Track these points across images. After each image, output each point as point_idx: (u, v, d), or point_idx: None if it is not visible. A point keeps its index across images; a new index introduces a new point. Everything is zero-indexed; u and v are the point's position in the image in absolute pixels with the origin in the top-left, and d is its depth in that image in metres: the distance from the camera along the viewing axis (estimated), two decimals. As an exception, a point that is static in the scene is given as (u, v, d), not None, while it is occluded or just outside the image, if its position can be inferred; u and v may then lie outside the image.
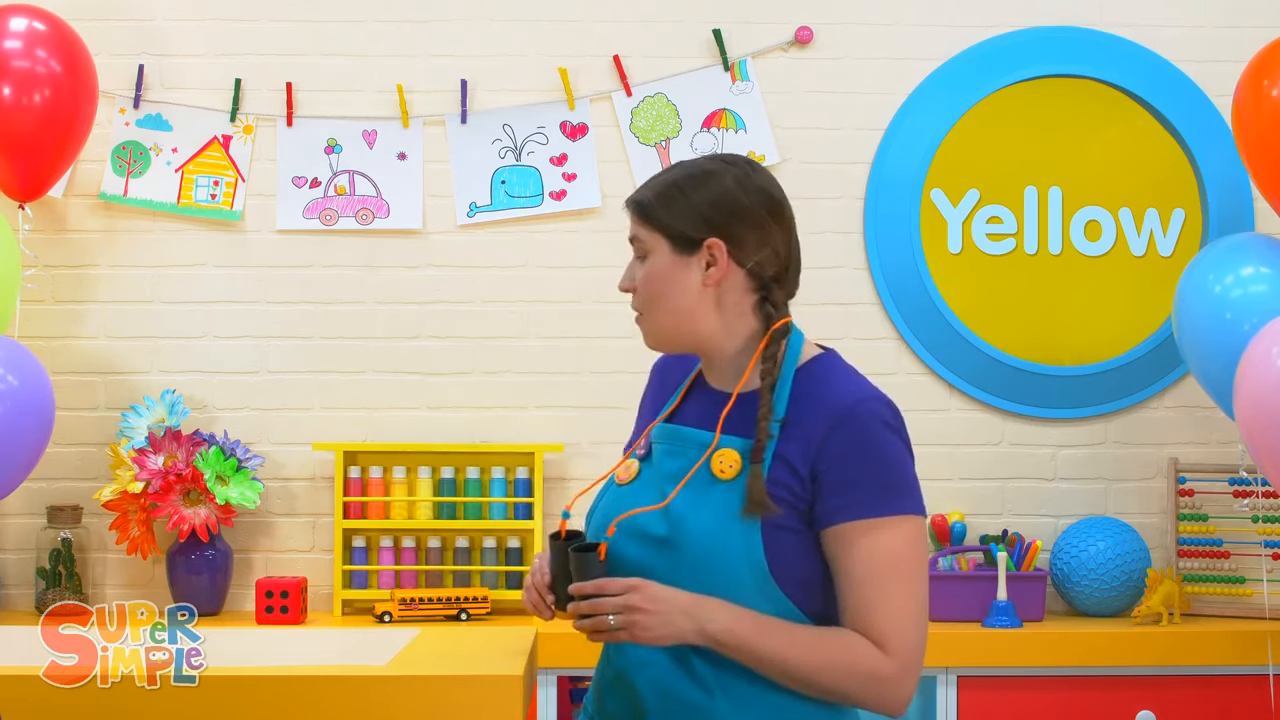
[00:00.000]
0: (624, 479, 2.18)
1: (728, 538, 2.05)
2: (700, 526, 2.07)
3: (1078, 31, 3.96)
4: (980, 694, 3.48)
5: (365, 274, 3.89)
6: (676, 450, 2.15)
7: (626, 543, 2.11)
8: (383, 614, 3.62)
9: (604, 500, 2.21)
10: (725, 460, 2.09)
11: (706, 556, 2.06)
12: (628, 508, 2.13)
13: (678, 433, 2.17)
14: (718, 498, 2.08)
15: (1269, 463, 3.16)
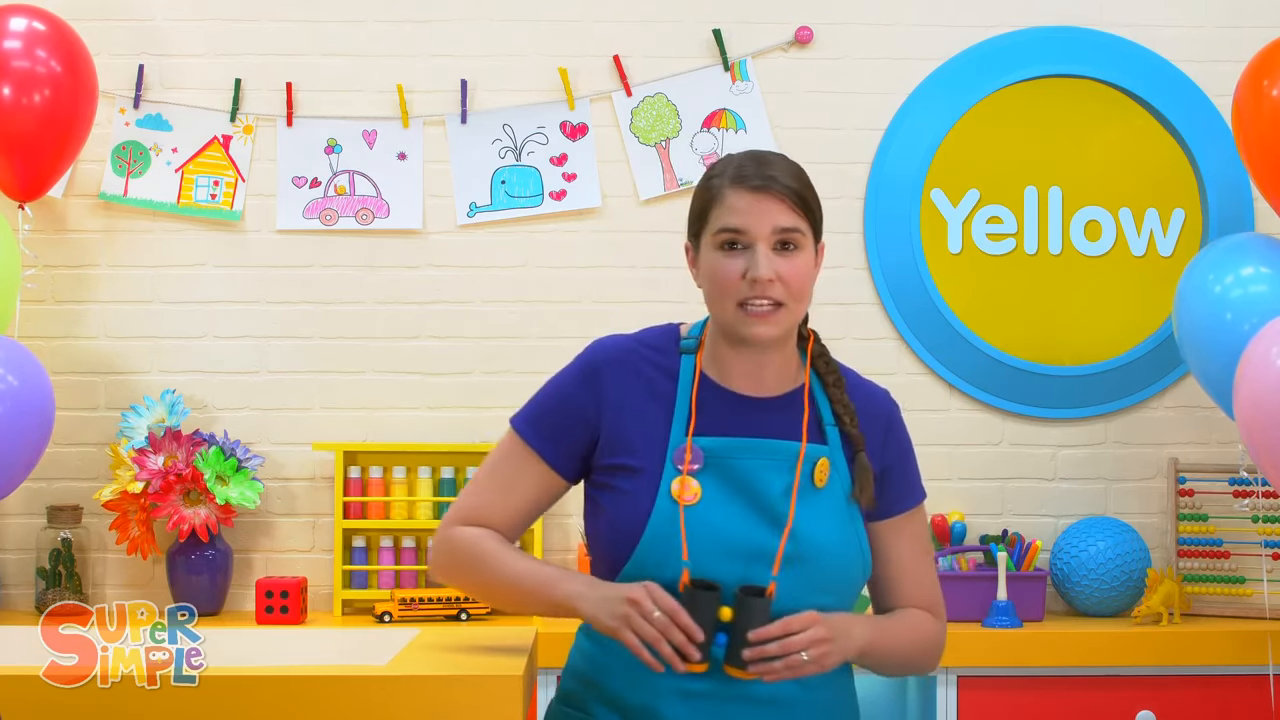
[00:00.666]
0: (690, 500, 2.10)
1: (848, 544, 2.14)
2: (827, 538, 2.11)
3: (1078, 31, 3.96)
4: (980, 694, 3.49)
5: (365, 274, 3.89)
6: (773, 464, 2.12)
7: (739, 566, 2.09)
8: (383, 614, 3.62)
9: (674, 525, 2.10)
10: (822, 468, 2.13)
11: (836, 567, 2.13)
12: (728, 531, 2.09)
13: (766, 446, 2.13)
14: (826, 506, 2.12)
15: (1269, 463, 3.16)
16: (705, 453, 2.12)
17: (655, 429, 2.15)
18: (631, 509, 2.13)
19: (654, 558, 2.10)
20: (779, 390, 2.18)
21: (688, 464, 2.12)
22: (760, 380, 2.18)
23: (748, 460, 2.12)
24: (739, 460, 2.12)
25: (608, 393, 2.19)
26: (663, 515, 2.11)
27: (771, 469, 2.12)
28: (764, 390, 2.18)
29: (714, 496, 2.11)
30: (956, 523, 3.82)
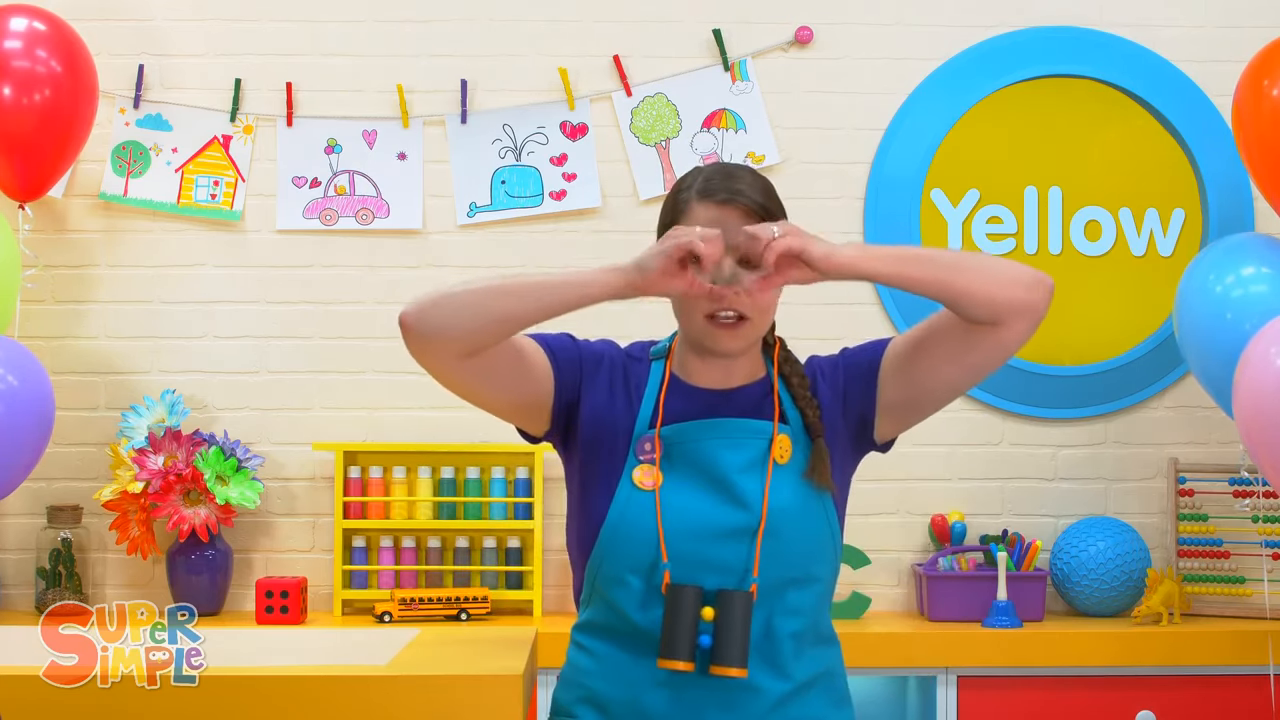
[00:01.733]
0: (649, 485, 2.15)
1: (815, 519, 2.15)
2: (793, 512, 2.14)
3: (1078, 31, 3.96)
4: (980, 694, 3.49)
5: (365, 274, 3.89)
6: (736, 442, 2.15)
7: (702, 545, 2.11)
8: (383, 614, 3.62)
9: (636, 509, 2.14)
10: (783, 445, 2.16)
11: (804, 542, 2.14)
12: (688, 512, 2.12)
13: (724, 425, 2.16)
14: (789, 482, 2.15)
15: (1268, 463, 3.16)
16: (665, 441, 2.17)
17: (623, 422, 2.20)
18: (595, 497, 2.17)
19: (618, 545, 2.14)
20: (743, 383, 2.23)
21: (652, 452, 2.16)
22: (727, 374, 2.22)
23: (706, 441, 2.16)
24: (698, 442, 2.17)
25: (599, 376, 2.24)
26: (623, 502, 2.15)
27: (729, 446, 2.16)
28: (732, 384, 2.22)
29: (674, 481, 2.15)
30: (956, 523, 3.82)
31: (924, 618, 3.73)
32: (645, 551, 2.12)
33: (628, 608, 2.13)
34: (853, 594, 3.72)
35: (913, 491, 3.89)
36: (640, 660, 2.13)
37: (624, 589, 2.14)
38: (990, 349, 2.14)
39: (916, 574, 3.79)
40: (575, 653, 2.23)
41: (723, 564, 2.11)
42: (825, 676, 2.20)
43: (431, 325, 2.12)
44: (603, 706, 2.17)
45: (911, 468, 3.85)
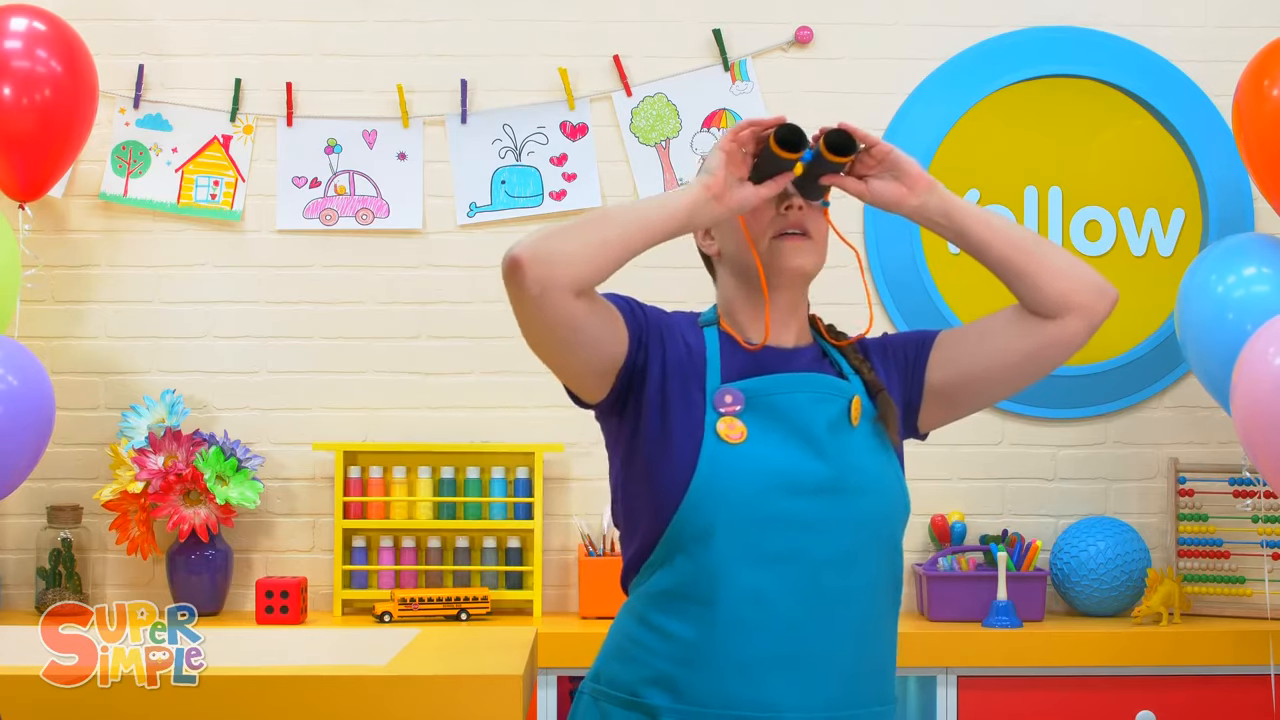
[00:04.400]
0: (736, 438, 2.10)
1: (891, 480, 2.15)
2: (873, 471, 2.13)
3: (1078, 31, 3.96)
4: (980, 694, 3.49)
5: (365, 274, 3.89)
6: (815, 397, 2.14)
7: (790, 499, 2.08)
8: (383, 614, 3.62)
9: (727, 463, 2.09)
10: (855, 405, 2.15)
11: (881, 501, 2.13)
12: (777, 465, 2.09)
13: (805, 380, 2.15)
14: (864, 442, 2.14)
15: (1265, 462, 3.16)
16: (745, 393, 2.13)
17: (695, 379, 2.15)
18: (677, 452, 2.11)
19: (708, 499, 2.08)
20: (796, 344, 2.22)
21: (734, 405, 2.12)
22: (780, 333, 2.21)
23: (789, 395, 2.13)
24: (780, 396, 2.13)
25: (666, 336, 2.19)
26: (711, 455, 2.09)
27: (814, 401, 2.13)
28: (786, 343, 2.21)
29: (759, 435, 2.10)
30: (956, 523, 3.82)
31: (924, 618, 3.73)
32: (738, 505, 2.07)
33: (717, 565, 2.06)
34: (853, 594, 3.72)
35: (913, 491, 3.84)
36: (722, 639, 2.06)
37: (713, 546, 2.07)
38: (1044, 346, 2.15)
39: (916, 574, 3.79)
40: (639, 628, 2.13)
41: (809, 522, 2.07)
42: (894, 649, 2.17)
43: (550, 255, 2.02)
44: (677, 690, 2.08)
45: (911, 468, 3.80)
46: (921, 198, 2.13)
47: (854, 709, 2.09)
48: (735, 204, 2.09)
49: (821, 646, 2.07)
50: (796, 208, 2.15)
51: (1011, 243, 2.13)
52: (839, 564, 2.08)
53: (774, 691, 2.06)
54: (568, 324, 2.06)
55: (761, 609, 2.06)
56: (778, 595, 2.06)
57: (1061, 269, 2.13)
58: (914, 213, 2.15)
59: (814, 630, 2.07)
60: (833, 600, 2.07)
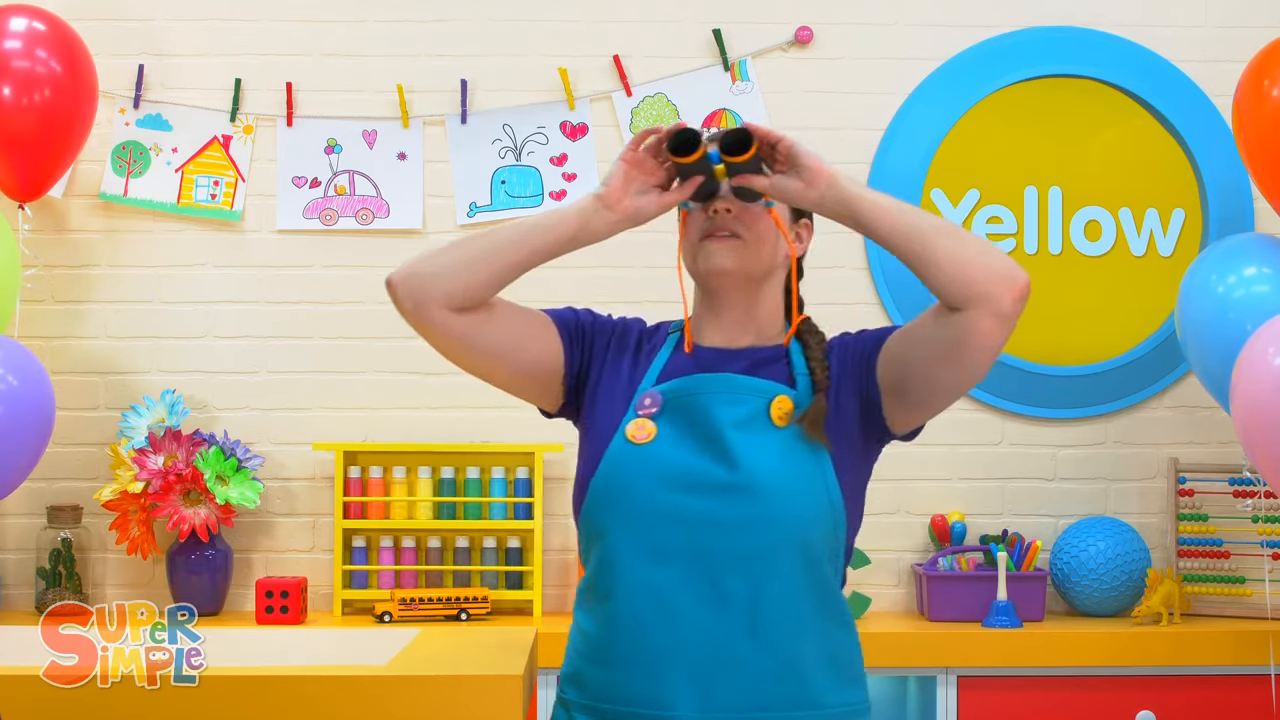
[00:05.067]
0: (643, 438, 2.14)
1: (807, 484, 2.11)
2: (781, 474, 2.10)
3: (1078, 31, 3.96)
4: (980, 694, 3.49)
5: (365, 274, 3.89)
6: (733, 398, 2.14)
7: (683, 496, 2.10)
8: (383, 614, 3.62)
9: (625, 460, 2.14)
10: (784, 406, 2.13)
11: (788, 496, 2.10)
12: (674, 463, 2.11)
13: (722, 381, 2.16)
14: (783, 444, 2.12)
15: (1265, 463, 3.16)
16: (664, 395, 2.16)
17: (627, 382, 2.22)
18: (591, 451, 2.18)
19: (604, 497, 2.14)
20: (754, 344, 2.23)
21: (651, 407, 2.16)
22: (733, 334, 2.23)
23: (701, 396, 2.15)
24: (693, 397, 2.16)
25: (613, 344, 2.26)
26: (614, 455, 2.15)
27: (725, 402, 2.14)
28: (737, 344, 2.23)
29: (667, 434, 2.14)
30: (956, 523, 3.82)
31: (924, 618, 3.73)
32: (632, 502, 2.11)
33: (614, 562, 2.12)
34: (853, 594, 3.72)
35: (913, 491, 3.89)
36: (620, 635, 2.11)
37: (611, 543, 2.13)
38: (959, 337, 2.07)
39: (916, 574, 3.79)
40: (571, 625, 2.24)
41: (706, 520, 2.09)
42: (828, 653, 2.14)
43: (420, 274, 2.14)
44: (584, 685, 2.16)
45: (911, 468, 3.85)
46: (820, 191, 2.12)
47: (759, 712, 2.08)
48: (631, 211, 2.14)
49: (720, 646, 2.08)
50: (723, 210, 2.18)
51: (910, 233, 2.08)
52: (740, 564, 2.08)
53: (670, 689, 2.08)
54: (453, 339, 2.16)
55: (658, 605, 2.09)
56: (674, 592, 2.08)
57: (964, 258, 2.04)
58: (814, 206, 2.14)
59: (711, 629, 2.08)
60: (732, 600, 2.08)
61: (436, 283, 2.12)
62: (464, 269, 2.13)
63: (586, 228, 2.15)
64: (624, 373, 2.22)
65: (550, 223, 2.16)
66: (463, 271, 2.13)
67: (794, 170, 2.13)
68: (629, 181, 2.14)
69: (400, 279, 2.13)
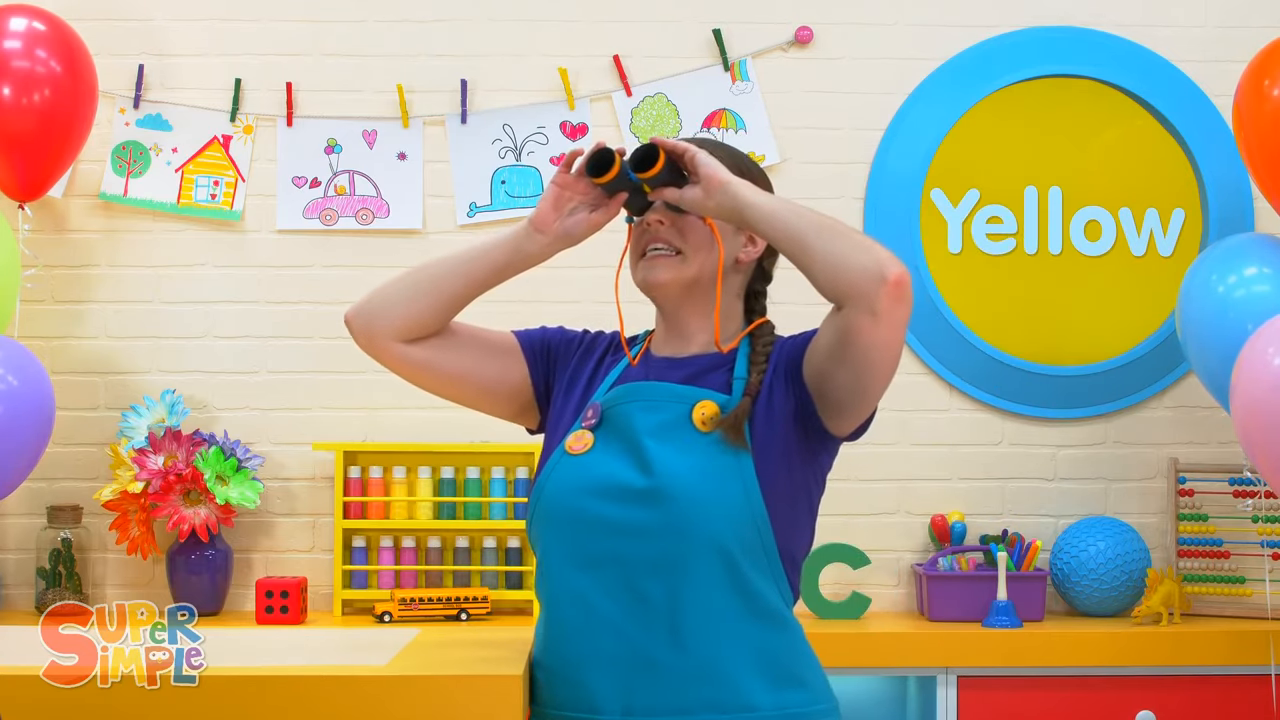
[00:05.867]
0: (579, 449, 2.19)
1: (724, 487, 2.12)
2: (697, 478, 2.12)
3: (1078, 31, 3.96)
4: (980, 694, 3.49)
5: (365, 274, 3.88)
6: (653, 405, 2.19)
7: (604, 505, 2.15)
8: (383, 614, 3.62)
9: (559, 471, 2.20)
10: (706, 411, 2.16)
11: (704, 503, 2.11)
12: (597, 472, 2.16)
13: (645, 389, 2.20)
14: (700, 445, 2.14)
15: (1265, 462, 3.16)
16: (602, 406, 2.22)
17: (580, 395, 2.28)
18: (540, 464, 2.26)
19: (538, 507, 2.21)
20: (701, 351, 2.27)
21: (592, 419, 2.22)
22: (679, 343, 2.28)
23: (624, 405, 2.20)
24: (618, 406, 2.21)
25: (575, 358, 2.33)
26: (552, 466, 2.22)
27: (645, 410, 2.18)
28: (684, 352, 2.28)
29: (602, 445, 2.19)
30: (956, 523, 3.82)
31: (924, 618, 3.73)
32: (557, 511, 2.17)
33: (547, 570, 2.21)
34: (853, 594, 3.72)
35: (913, 491, 3.89)
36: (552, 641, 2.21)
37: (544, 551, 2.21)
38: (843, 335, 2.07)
39: (916, 574, 3.79)
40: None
41: (624, 527, 2.13)
42: (758, 655, 2.14)
43: (369, 310, 2.28)
44: (533, 691, 2.27)
45: (911, 468, 3.85)
46: (715, 199, 2.16)
47: (682, 715, 2.11)
48: (561, 233, 2.22)
49: (641, 651, 2.12)
50: (655, 223, 2.24)
51: (790, 233, 2.10)
52: (658, 569, 2.12)
53: (595, 693, 2.14)
54: (407, 368, 2.29)
55: (582, 612, 2.15)
56: (597, 599, 2.14)
57: (839, 256, 2.05)
58: (712, 213, 2.19)
59: (633, 634, 2.12)
60: (651, 605, 2.12)
61: (384, 316, 2.27)
62: (407, 301, 2.27)
63: (520, 252, 2.23)
64: (580, 385, 2.28)
65: (485, 249, 2.25)
66: (406, 303, 2.27)
67: (696, 179, 2.18)
68: (560, 204, 2.21)
69: (353, 315, 2.29)
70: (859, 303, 2.03)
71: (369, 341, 2.29)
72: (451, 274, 2.27)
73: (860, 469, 3.78)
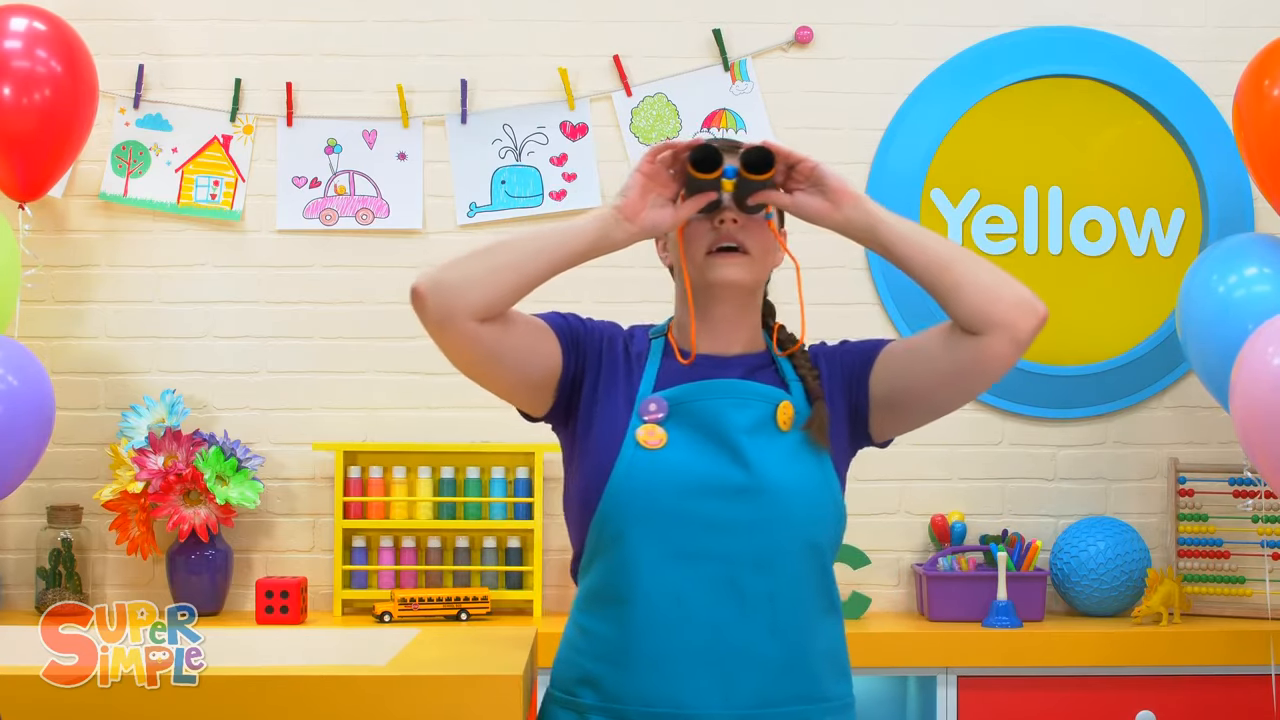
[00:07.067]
0: (655, 444, 2.16)
1: (815, 487, 2.17)
2: (791, 477, 2.15)
3: (1078, 31, 3.96)
4: (980, 694, 3.49)
5: (365, 274, 3.89)
6: (741, 403, 2.18)
7: (704, 501, 2.13)
8: (383, 614, 3.62)
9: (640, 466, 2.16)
10: (788, 412, 2.19)
11: (798, 495, 2.15)
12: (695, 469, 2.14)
13: (727, 386, 2.19)
14: (790, 448, 2.17)
15: (1265, 462, 3.16)
16: (670, 401, 2.19)
17: (625, 389, 2.23)
18: (598, 458, 2.19)
19: (622, 502, 2.15)
20: (742, 351, 2.27)
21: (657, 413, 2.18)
22: (727, 341, 2.26)
23: (710, 401, 2.18)
24: (701, 402, 2.18)
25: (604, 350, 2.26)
26: (628, 461, 2.16)
27: (734, 407, 2.18)
28: (730, 351, 2.26)
29: (679, 440, 2.17)
30: (956, 523, 3.82)
31: (924, 618, 3.73)
32: (652, 507, 2.13)
33: (632, 566, 2.14)
34: (853, 594, 3.72)
35: (913, 491, 3.89)
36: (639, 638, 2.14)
37: (629, 547, 2.14)
38: (972, 362, 2.16)
39: (916, 574, 3.79)
40: (572, 629, 2.24)
41: (725, 523, 2.13)
42: (829, 648, 2.20)
43: (448, 285, 2.10)
44: (602, 689, 2.16)
45: (911, 468, 3.85)
46: (845, 213, 2.16)
47: (774, 706, 2.13)
48: (649, 224, 2.16)
49: (739, 645, 2.12)
50: (730, 221, 2.20)
51: (934, 258, 2.16)
52: (756, 564, 2.13)
53: (692, 689, 2.12)
54: (478, 349, 2.14)
55: (679, 608, 2.12)
56: (694, 594, 2.12)
57: (986, 285, 2.15)
58: (839, 227, 2.18)
59: (732, 629, 2.12)
60: (750, 599, 2.13)
61: (465, 294, 2.09)
62: (491, 279, 2.11)
63: (606, 239, 2.17)
64: (618, 377, 2.23)
65: (569, 234, 2.17)
66: (488, 283, 2.11)
67: (818, 190, 2.17)
68: (646, 193, 2.15)
69: (429, 288, 2.09)
70: (1006, 331, 2.14)
71: (445, 318, 2.09)
72: (535, 256, 2.15)
73: (860, 469, 3.73)
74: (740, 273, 2.21)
